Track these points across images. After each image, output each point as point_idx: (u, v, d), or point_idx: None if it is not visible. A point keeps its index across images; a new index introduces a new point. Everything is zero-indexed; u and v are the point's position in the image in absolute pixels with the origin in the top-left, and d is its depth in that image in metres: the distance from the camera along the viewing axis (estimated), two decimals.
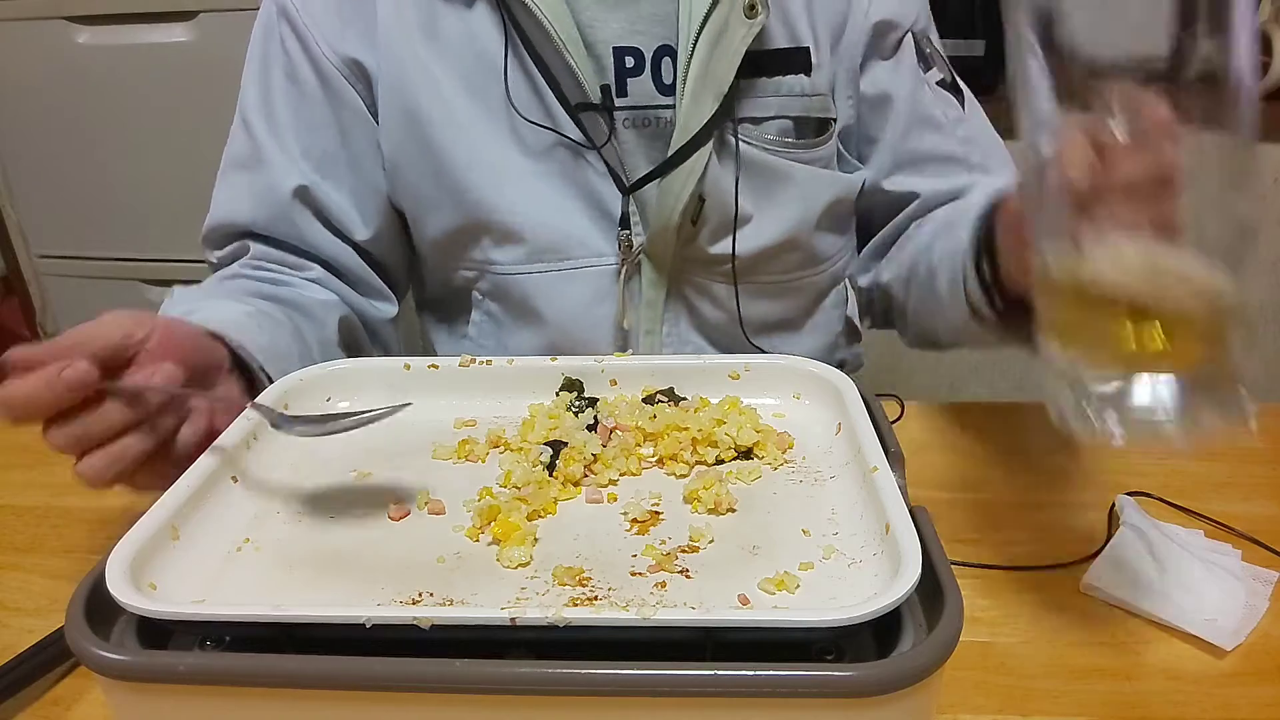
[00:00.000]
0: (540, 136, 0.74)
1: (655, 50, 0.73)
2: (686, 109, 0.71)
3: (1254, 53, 0.37)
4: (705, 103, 0.71)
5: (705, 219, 0.75)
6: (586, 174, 0.75)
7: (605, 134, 0.73)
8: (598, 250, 0.76)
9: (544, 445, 0.52)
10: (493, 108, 0.74)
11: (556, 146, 0.74)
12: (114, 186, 1.64)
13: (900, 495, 0.44)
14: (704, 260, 0.77)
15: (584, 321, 0.78)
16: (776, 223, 0.77)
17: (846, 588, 0.41)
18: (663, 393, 0.58)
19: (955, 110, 0.82)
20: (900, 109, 0.80)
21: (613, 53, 0.73)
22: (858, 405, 0.53)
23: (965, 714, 0.46)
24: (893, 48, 0.80)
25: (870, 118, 0.81)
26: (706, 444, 0.53)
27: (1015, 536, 0.59)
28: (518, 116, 0.73)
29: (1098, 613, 0.53)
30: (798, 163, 0.77)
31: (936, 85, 0.81)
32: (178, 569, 0.42)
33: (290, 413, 0.53)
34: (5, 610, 0.54)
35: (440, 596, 0.41)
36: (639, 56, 0.73)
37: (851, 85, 0.79)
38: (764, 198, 0.77)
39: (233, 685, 0.36)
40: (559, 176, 0.75)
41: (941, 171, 0.81)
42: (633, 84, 0.73)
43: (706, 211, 0.75)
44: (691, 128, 0.72)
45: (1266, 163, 1.64)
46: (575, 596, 0.41)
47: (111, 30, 1.52)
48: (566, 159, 0.75)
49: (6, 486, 0.67)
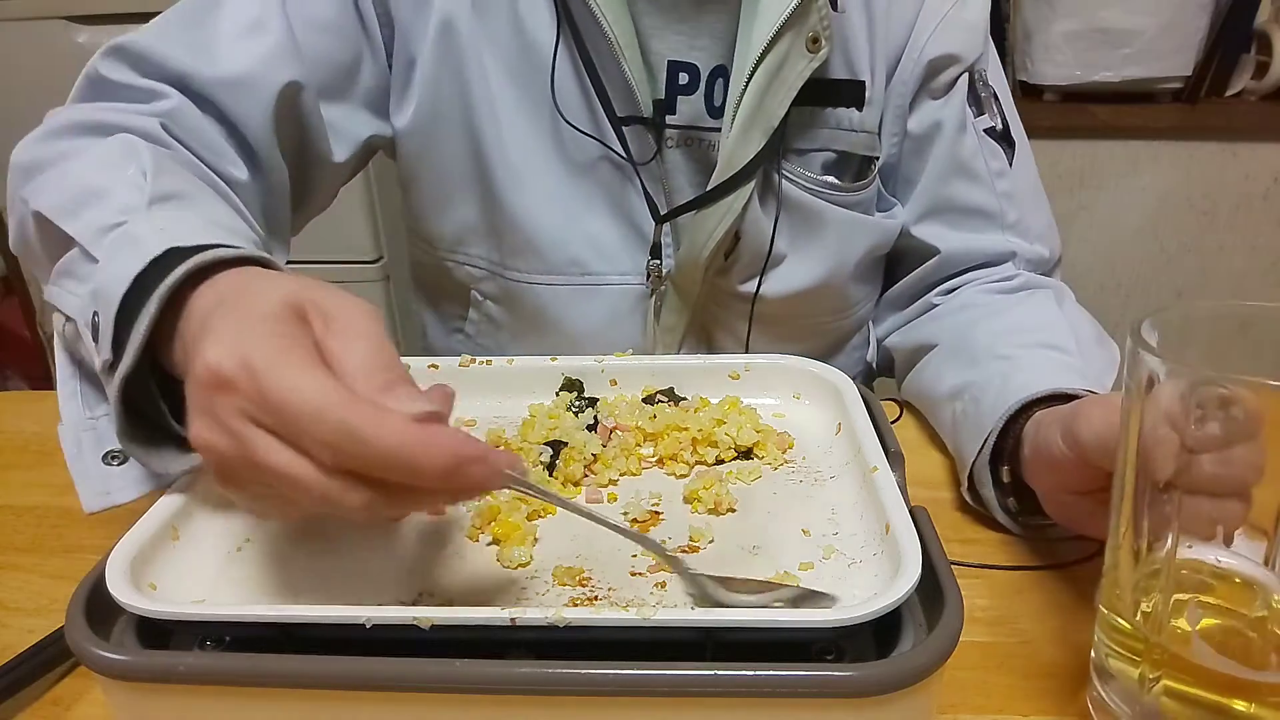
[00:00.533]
0: (581, 145, 0.70)
1: (711, 70, 0.70)
2: (734, 142, 0.68)
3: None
4: (753, 138, 0.68)
5: (739, 256, 0.73)
6: (625, 192, 0.72)
7: (652, 151, 0.70)
8: (623, 269, 0.74)
9: (544, 445, 0.52)
10: (537, 105, 0.70)
11: (599, 159, 0.71)
12: None
13: (900, 495, 0.44)
14: (731, 294, 0.75)
15: (600, 340, 0.75)
16: (811, 267, 0.75)
17: (846, 588, 0.41)
18: (663, 393, 0.58)
19: (999, 162, 0.76)
20: (939, 153, 0.75)
21: (668, 66, 0.69)
22: (858, 405, 0.53)
23: (965, 714, 0.46)
24: (946, 86, 0.75)
25: (910, 159, 0.77)
26: (706, 444, 0.53)
27: (1015, 536, 0.59)
28: (561, 119, 0.70)
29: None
30: (839, 206, 0.74)
31: (984, 133, 0.75)
32: (178, 569, 0.42)
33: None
34: (5, 610, 0.54)
35: (440, 596, 0.41)
36: (694, 74, 0.70)
37: (899, 123, 0.76)
38: (801, 239, 0.74)
39: (233, 685, 0.36)
40: (595, 190, 0.72)
41: (970, 225, 0.76)
42: (683, 102, 0.71)
43: (740, 249, 0.72)
44: (736, 164, 0.68)
45: (1267, 163, 1.64)
46: (575, 596, 0.41)
47: (111, 30, 1.49)
48: (606, 173, 0.71)
49: (6, 486, 0.67)
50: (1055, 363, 0.62)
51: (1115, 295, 1.76)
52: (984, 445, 0.58)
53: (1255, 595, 0.38)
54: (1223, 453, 0.36)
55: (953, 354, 0.70)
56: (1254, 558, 0.38)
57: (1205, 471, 0.37)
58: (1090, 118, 1.58)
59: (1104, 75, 1.53)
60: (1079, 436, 0.47)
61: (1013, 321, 0.69)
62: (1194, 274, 1.75)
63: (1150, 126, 1.60)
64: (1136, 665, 0.40)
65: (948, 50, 0.73)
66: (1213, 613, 0.39)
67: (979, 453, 0.58)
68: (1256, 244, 1.71)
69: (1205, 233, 1.71)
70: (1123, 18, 1.49)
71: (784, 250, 0.74)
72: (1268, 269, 1.73)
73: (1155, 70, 1.53)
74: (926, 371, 0.73)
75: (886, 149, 0.76)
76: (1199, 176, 1.66)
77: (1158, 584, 0.39)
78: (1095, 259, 1.72)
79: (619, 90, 0.69)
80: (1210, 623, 0.39)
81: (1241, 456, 0.36)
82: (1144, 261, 1.74)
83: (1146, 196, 1.68)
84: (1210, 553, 0.39)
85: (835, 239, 0.75)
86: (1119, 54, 1.51)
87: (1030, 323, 0.69)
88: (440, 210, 0.76)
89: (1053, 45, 1.53)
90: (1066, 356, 0.63)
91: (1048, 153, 1.62)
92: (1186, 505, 0.37)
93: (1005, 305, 0.72)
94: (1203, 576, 0.39)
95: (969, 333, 0.70)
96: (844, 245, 0.75)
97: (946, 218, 0.77)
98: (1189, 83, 1.55)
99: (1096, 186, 1.67)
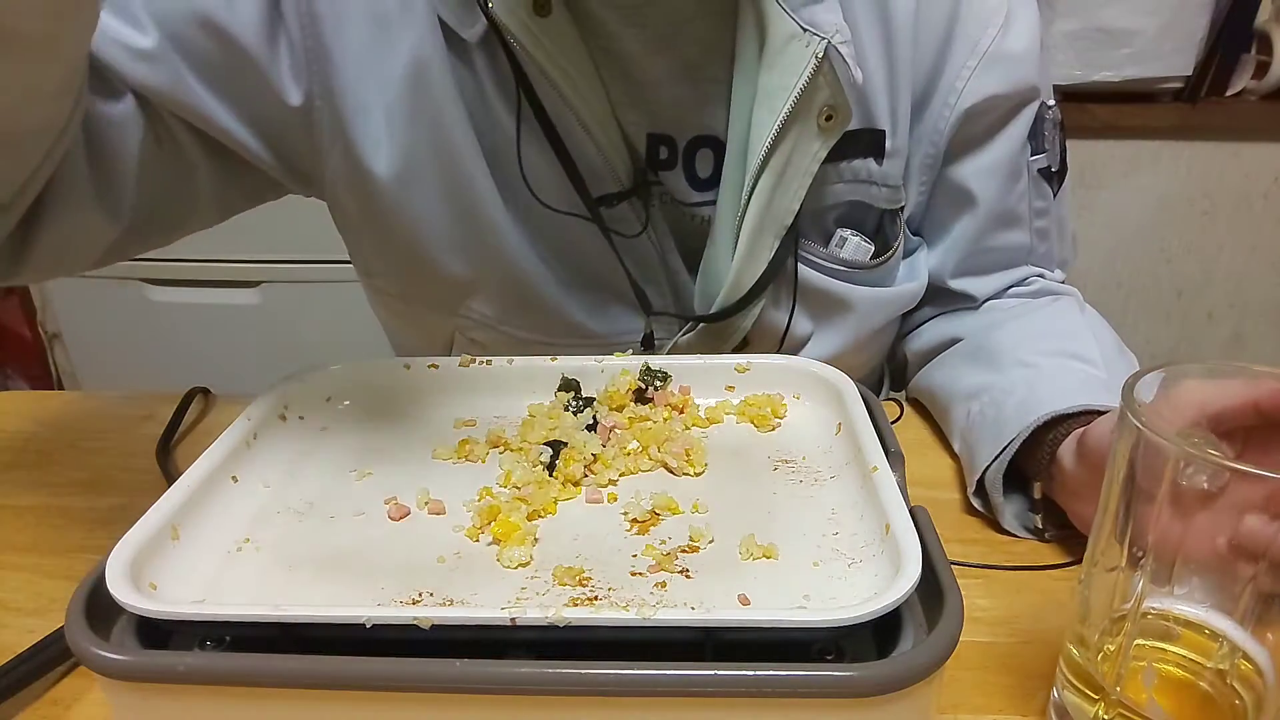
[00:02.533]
0: (565, 224, 0.63)
1: (688, 142, 0.62)
2: (740, 263, 0.61)
3: None
4: (764, 245, 0.61)
5: (750, 346, 0.68)
6: (618, 270, 0.65)
7: (641, 223, 0.63)
8: (630, 328, 0.69)
9: (544, 445, 0.52)
10: (509, 180, 0.63)
11: (588, 234, 0.64)
12: None
13: (900, 495, 0.44)
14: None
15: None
16: (827, 344, 0.70)
17: (846, 588, 0.41)
18: (650, 374, 0.58)
19: (1042, 201, 0.70)
20: (983, 210, 0.68)
21: (647, 139, 0.62)
22: (858, 405, 0.53)
23: (965, 714, 0.46)
24: (986, 133, 0.66)
25: (945, 209, 0.70)
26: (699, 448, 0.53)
27: (1015, 537, 0.59)
28: (534, 201, 0.63)
29: None
30: (860, 285, 0.67)
31: (1038, 174, 0.69)
32: (178, 569, 0.42)
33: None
34: (5, 610, 0.54)
35: (440, 596, 0.41)
36: (671, 146, 0.63)
37: (928, 172, 0.68)
38: (820, 321, 0.68)
39: (233, 685, 0.36)
40: (584, 265, 0.66)
41: (1005, 265, 0.71)
42: (663, 177, 0.64)
43: (753, 341, 0.67)
44: (744, 284, 0.62)
45: (1267, 163, 1.64)
46: (575, 596, 0.41)
47: None
48: (596, 248, 0.64)
49: (6, 486, 0.67)
50: (1079, 376, 0.60)
51: (1115, 295, 1.76)
52: (1002, 452, 0.57)
53: (1220, 647, 0.38)
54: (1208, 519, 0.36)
55: (973, 354, 0.67)
56: (1225, 611, 0.38)
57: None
58: (1090, 118, 1.58)
59: (1104, 75, 1.53)
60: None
61: (1037, 327, 0.66)
62: (1194, 274, 1.75)
63: (1150, 126, 1.60)
64: (1093, 704, 0.40)
65: (992, 93, 0.65)
66: (1173, 663, 0.39)
67: (995, 458, 0.57)
68: (1256, 244, 1.71)
69: (1205, 233, 1.71)
70: (1123, 18, 1.49)
71: (803, 332, 0.68)
72: (1268, 269, 1.73)
73: (1155, 70, 1.53)
74: (944, 368, 0.70)
75: (914, 199, 0.69)
76: (1199, 176, 1.66)
77: (1123, 628, 0.39)
78: (1095, 259, 1.72)
79: (592, 170, 0.62)
80: (1168, 673, 0.39)
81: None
82: (1144, 261, 1.74)
83: (1146, 196, 1.68)
84: (1180, 604, 0.39)
85: (855, 317, 0.69)
86: (1119, 54, 1.51)
87: (1055, 329, 0.66)
88: (423, 265, 0.68)
89: (1053, 45, 1.53)
90: (1090, 368, 0.60)
91: None
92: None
93: (1027, 310, 0.70)
94: (1169, 624, 0.39)
95: (992, 334, 0.67)
96: (863, 320, 0.69)
97: (984, 269, 0.72)
98: (1189, 83, 1.55)
99: (1096, 186, 1.67)
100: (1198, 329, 1.79)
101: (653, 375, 0.58)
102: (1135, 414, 0.36)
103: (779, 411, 0.57)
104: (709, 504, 0.48)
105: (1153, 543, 0.37)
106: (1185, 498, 0.36)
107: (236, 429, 0.51)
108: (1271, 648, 0.37)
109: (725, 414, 0.57)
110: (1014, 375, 0.61)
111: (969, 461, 0.61)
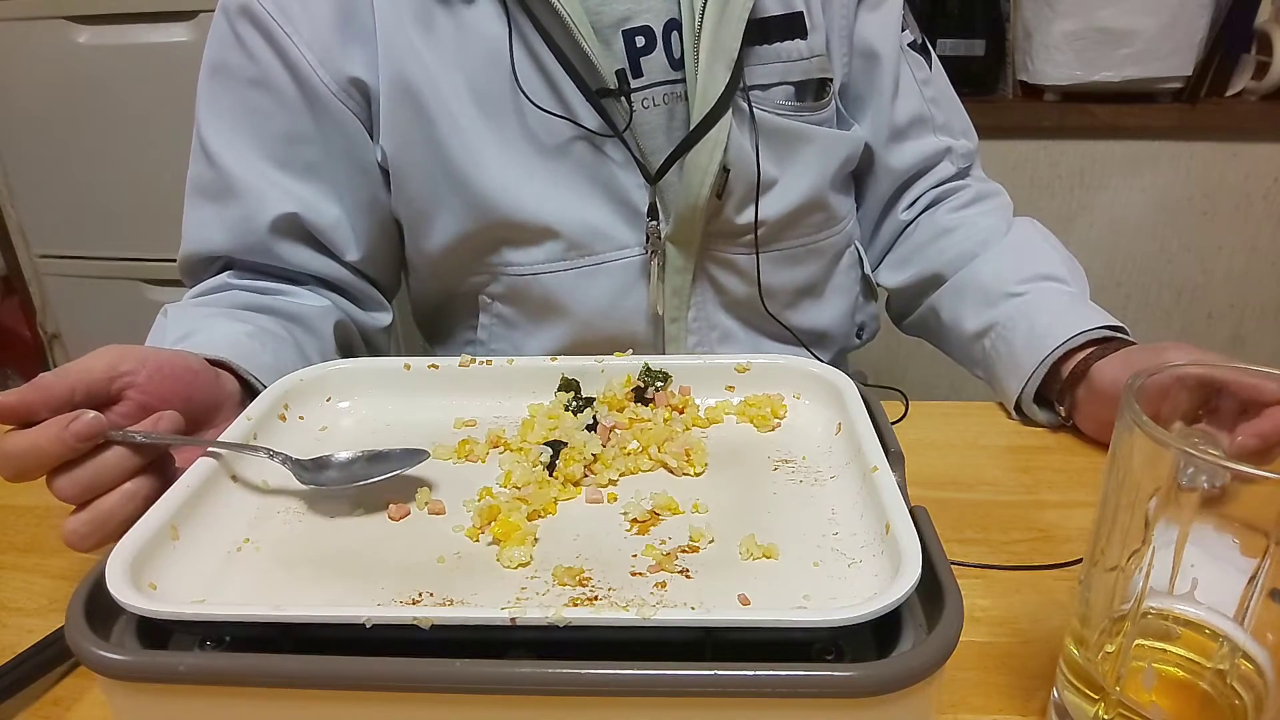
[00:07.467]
0: (556, 131, 0.72)
1: (664, 25, 0.73)
2: (704, 79, 0.71)
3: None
4: (719, 71, 0.71)
5: (730, 190, 0.75)
6: (607, 166, 0.74)
7: (626, 118, 0.72)
8: (623, 243, 0.76)
9: (544, 445, 0.52)
10: (503, 107, 0.72)
11: (574, 140, 0.73)
12: (114, 186, 1.63)
13: (900, 495, 0.44)
14: (729, 233, 0.77)
15: (613, 315, 0.77)
16: (798, 184, 0.79)
17: (846, 588, 0.41)
18: (650, 375, 0.58)
19: (923, 71, 0.85)
20: (887, 69, 0.82)
21: (623, 36, 0.72)
22: (858, 405, 0.53)
23: (965, 714, 0.46)
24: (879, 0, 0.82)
25: (860, 75, 0.83)
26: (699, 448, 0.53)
27: (1015, 536, 0.59)
28: (530, 110, 0.71)
29: None
30: (810, 124, 0.78)
31: (907, 47, 0.84)
32: (178, 569, 0.42)
33: (308, 457, 0.50)
34: (5, 610, 0.54)
35: (440, 596, 0.41)
36: (649, 35, 0.73)
37: (845, 42, 0.81)
38: (785, 160, 0.78)
39: (233, 685, 0.36)
40: (579, 171, 0.74)
41: (910, 134, 0.85)
42: (646, 63, 0.73)
43: (731, 182, 0.75)
44: (710, 97, 0.72)
45: (1267, 163, 1.64)
46: (575, 596, 0.41)
47: (111, 30, 1.52)
48: (585, 152, 0.73)
49: (6, 486, 0.67)
50: (1063, 297, 0.76)
51: (1115, 295, 1.76)
52: (1026, 384, 0.72)
53: (1220, 647, 0.38)
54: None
55: (963, 292, 0.82)
56: (1226, 612, 0.38)
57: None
58: (1090, 118, 1.58)
59: (1104, 75, 1.53)
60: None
61: (1008, 258, 0.81)
62: (1194, 274, 1.75)
63: (1150, 126, 1.60)
64: (1093, 704, 0.40)
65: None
66: (1173, 663, 0.39)
67: (1023, 388, 0.73)
68: (1256, 244, 1.71)
69: (1205, 233, 1.71)
70: (1123, 18, 1.49)
71: (773, 174, 0.77)
72: (1268, 269, 1.73)
73: (1155, 70, 1.53)
74: (943, 312, 0.84)
75: (839, 68, 0.82)
76: (1199, 176, 1.66)
77: (1123, 628, 0.39)
78: (1095, 259, 1.72)
79: (585, 68, 0.71)
80: (1168, 673, 0.39)
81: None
82: (1144, 261, 1.74)
83: (1146, 196, 1.68)
84: (1180, 604, 0.39)
85: (815, 153, 0.79)
86: (1119, 54, 1.51)
87: (1023, 257, 0.80)
88: (431, 231, 0.77)
89: (1053, 45, 1.53)
90: (1064, 286, 0.77)
91: (1048, 153, 1.61)
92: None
93: (986, 230, 0.83)
94: (1169, 624, 0.39)
95: (975, 273, 0.81)
96: (824, 158, 0.80)
97: (899, 136, 0.85)
98: (1189, 83, 1.55)
99: (1096, 186, 1.67)
100: (1198, 329, 1.79)
101: (653, 376, 0.58)
102: (1136, 414, 0.36)
103: (779, 411, 0.57)
104: (709, 504, 0.48)
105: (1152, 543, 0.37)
106: (1185, 497, 0.36)
107: (236, 429, 0.51)
108: (1271, 648, 0.37)
109: (725, 414, 0.57)
110: (1009, 308, 0.77)
111: (1001, 392, 0.76)
